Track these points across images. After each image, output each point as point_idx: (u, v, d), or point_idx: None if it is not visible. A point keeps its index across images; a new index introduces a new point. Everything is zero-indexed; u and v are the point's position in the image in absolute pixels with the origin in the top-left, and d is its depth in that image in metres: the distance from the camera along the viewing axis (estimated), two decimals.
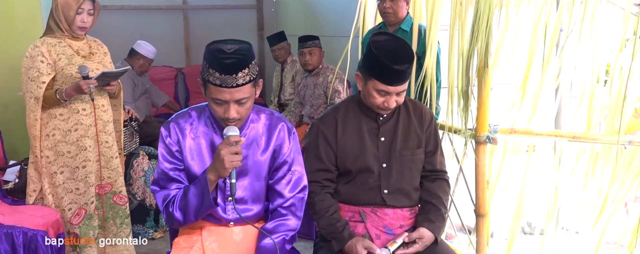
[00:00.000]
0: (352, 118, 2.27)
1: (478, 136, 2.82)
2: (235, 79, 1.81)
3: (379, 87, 2.11)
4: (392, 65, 2.05)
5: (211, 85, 1.83)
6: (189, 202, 1.92)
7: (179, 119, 2.03)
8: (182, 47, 6.73)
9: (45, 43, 2.91)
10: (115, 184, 3.17)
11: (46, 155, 2.99)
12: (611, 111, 2.98)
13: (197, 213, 1.93)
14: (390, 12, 3.38)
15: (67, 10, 2.90)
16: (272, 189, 2.07)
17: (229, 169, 1.84)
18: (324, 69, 4.49)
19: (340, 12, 4.97)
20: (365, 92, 2.18)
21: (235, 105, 1.86)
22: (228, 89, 1.82)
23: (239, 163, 1.85)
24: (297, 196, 2.07)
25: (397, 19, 3.41)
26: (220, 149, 1.84)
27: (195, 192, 1.91)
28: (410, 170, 2.27)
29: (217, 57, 1.81)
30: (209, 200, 1.89)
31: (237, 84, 1.82)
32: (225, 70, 1.80)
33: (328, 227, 2.18)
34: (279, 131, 2.05)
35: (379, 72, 2.09)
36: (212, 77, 1.82)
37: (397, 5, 3.36)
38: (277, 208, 2.06)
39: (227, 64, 1.80)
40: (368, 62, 2.13)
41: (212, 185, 1.90)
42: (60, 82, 2.94)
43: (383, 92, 2.12)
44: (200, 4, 6.72)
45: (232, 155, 1.84)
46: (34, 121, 2.93)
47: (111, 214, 3.17)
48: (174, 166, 2.00)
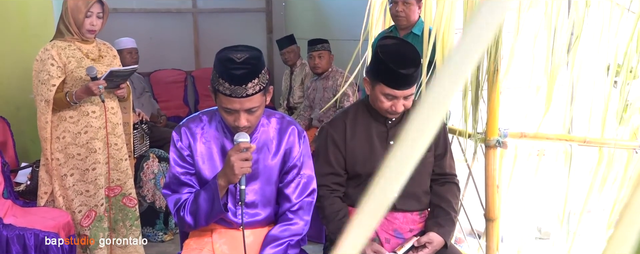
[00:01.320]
0: (361, 122, 2.27)
1: (488, 140, 2.81)
2: (245, 90, 1.80)
3: (386, 91, 2.10)
4: (398, 70, 2.05)
5: (221, 94, 1.84)
6: (199, 207, 1.93)
7: (190, 123, 2.04)
8: (191, 50, 6.76)
9: (55, 46, 2.94)
10: (124, 186, 3.18)
11: (56, 157, 3.01)
12: (619, 114, 2.97)
13: (207, 217, 1.94)
14: (402, 16, 3.36)
15: (76, 13, 2.92)
16: (281, 193, 2.07)
17: (238, 175, 1.85)
18: (334, 73, 4.50)
19: (350, 16, 4.97)
20: (373, 96, 2.18)
21: (245, 114, 1.85)
22: (238, 99, 1.81)
23: (249, 169, 1.86)
24: (306, 200, 2.06)
25: (409, 22, 3.40)
26: (230, 155, 1.85)
27: (205, 197, 1.92)
28: (420, 174, 2.26)
29: (226, 67, 1.80)
30: (219, 206, 1.90)
31: (247, 94, 1.81)
32: (235, 80, 1.79)
33: (337, 231, 2.18)
34: (290, 135, 2.05)
35: (385, 76, 2.09)
36: (222, 87, 1.81)
37: (409, 9, 3.34)
38: (285, 212, 2.06)
39: (237, 75, 1.79)
40: (375, 66, 2.13)
41: (222, 190, 1.91)
42: (70, 84, 2.96)
43: (390, 96, 2.11)
44: (210, 7, 6.75)
45: (242, 161, 1.84)
46: (45, 123, 2.95)
47: (121, 216, 3.19)
48: (185, 170, 2.01)
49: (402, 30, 3.46)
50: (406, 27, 3.43)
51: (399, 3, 3.35)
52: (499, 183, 2.90)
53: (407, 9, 3.34)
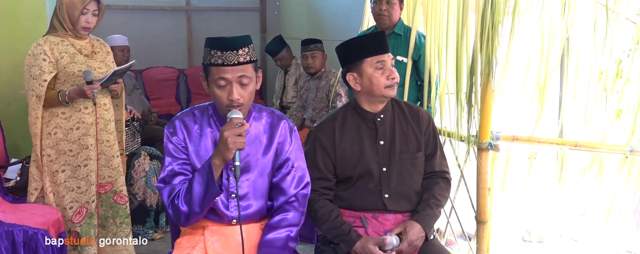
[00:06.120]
0: (350, 123, 2.28)
1: (480, 143, 2.82)
2: (237, 56, 1.89)
3: (375, 61, 2.18)
4: (374, 35, 2.21)
5: (213, 66, 1.90)
6: (193, 191, 1.92)
7: (184, 117, 2.06)
8: (184, 48, 6.75)
9: (48, 41, 2.92)
10: (115, 183, 3.16)
11: (48, 153, 2.99)
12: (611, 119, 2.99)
13: (201, 202, 1.92)
14: (385, 15, 3.39)
15: (71, 10, 2.90)
16: (277, 186, 2.08)
17: (232, 150, 1.85)
18: (327, 73, 4.49)
19: (344, 16, 4.97)
20: (367, 83, 2.20)
21: (237, 86, 1.91)
22: (230, 67, 1.89)
23: (243, 144, 1.86)
24: (301, 193, 2.09)
25: (392, 22, 3.42)
26: (223, 131, 1.86)
27: (199, 180, 1.92)
28: (411, 174, 2.26)
29: (217, 39, 1.92)
30: (214, 187, 1.89)
31: (239, 61, 1.89)
32: (227, 47, 1.88)
33: (333, 231, 2.18)
34: (281, 130, 2.08)
35: (366, 48, 2.19)
36: (214, 57, 1.90)
37: (392, 9, 3.38)
38: (282, 204, 2.07)
39: (228, 41, 1.89)
40: (352, 53, 2.23)
41: (218, 169, 1.90)
42: (62, 80, 2.94)
43: (380, 65, 2.18)
44: (204, 5, 6.74)
45: (236, 136, 1.85)
46: (35, 119, 2.93)
47: (111, 213, 3.17)
48: (182, 161, 2.01)
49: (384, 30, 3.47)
50: (388, 27, 3.44)
51: (382, 2, 3.37)
52: (490, 186, 2.91)
53: (390, 8, 3.38)
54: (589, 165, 3.08)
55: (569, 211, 3.33)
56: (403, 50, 3.34)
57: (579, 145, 3.03)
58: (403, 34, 3.40)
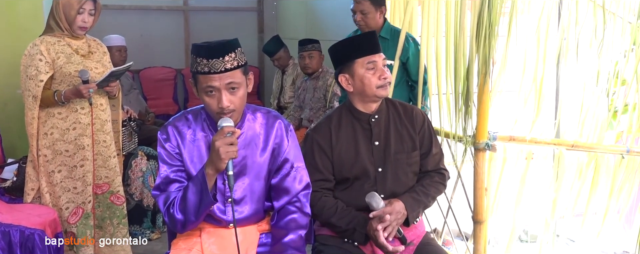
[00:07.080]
0: (345, 125, 2.28)
1: (477, 143, 2.82)
2: (223, 63, 1.85)
3: (366, 62, 2.19)
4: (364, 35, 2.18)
5: (200, 75, 1.87)
6: (188, 200, 1.90)
7: (176, 123, 2.03)
8: (182, 48, 6.73)
9: (44, 41, 2.91)
10: (112, 184, 3.16)
11: (44, 153, 2.99)
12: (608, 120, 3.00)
13: (196, 211, 1.90)
14: (362, 24, 3.46)
15: (68, 9, 2.90)
16: (278, 187, 2.06)
17: (224, 160, 1.82)
18: (324, 73, 4.50)
19: (341, 16, 4.96)
20: (358, 83, 2.21)
21: (227, 93, 1.87)
22: (217, 75, 1.85)
23: (235, 153, 1.84)
24: (303, 193, 2.07)
25: (370, 28, 3.44)
26: (215, 140, 1.83)
27: (193, 190, 1.89)
28: (406, 174, 2.26)
29: (203, 46, 1.87)
30: (208, 196, 1.87)
31: (226, 68, 1.85)
32: (212, 54, 1.84)
33: (344, 219, 2.16)
34: (277, 130, 2.06)
35: (357, 49, 2.19)
36: (200, 65, 1.86)
37: (367, 18, 3.43)
38: (285, 205, 2.06)
39: (213, 47, 1.85)
40: (343, 54, 2.23)
41: (211, 179, 1.88)
42: (58, 80, 2.94)
43: (372, 65, 2.18)
44: (201, 5, 6.73)
45: (228, 145, 1.82)
46: (32, 119, 2.93)
47: (108, 214, 3.16)
48: (176, 168, 1.99)
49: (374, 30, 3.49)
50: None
51: (357, 13, 3.45)
52: (487, 186, 2.91)
53: (365, 17, 3.44)
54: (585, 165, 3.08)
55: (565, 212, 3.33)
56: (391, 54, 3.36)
57: (576, 146, 3.04)
58: (390, 37, 3.42)
